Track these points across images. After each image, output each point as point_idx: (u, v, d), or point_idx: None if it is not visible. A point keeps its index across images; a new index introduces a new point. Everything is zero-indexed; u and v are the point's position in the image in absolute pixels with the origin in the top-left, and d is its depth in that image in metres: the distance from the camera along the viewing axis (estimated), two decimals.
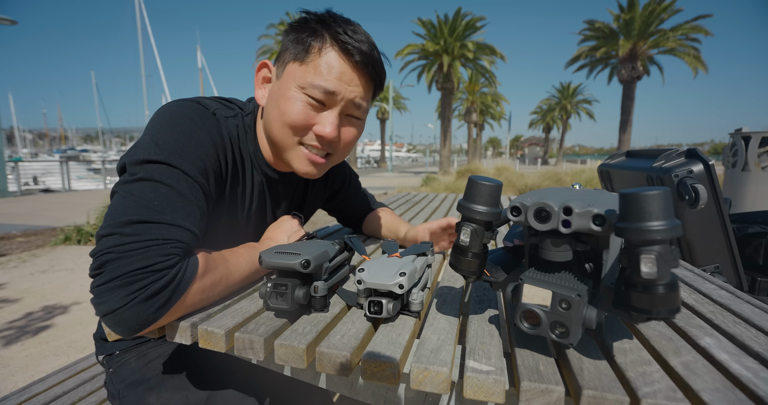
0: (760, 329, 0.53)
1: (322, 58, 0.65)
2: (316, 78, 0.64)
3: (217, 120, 0.67)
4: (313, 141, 0.69)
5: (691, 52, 16.59)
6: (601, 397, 0.38)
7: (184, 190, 0.56)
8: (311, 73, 0.65)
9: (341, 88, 0.65)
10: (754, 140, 3.26)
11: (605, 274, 0.45)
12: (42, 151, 57.45)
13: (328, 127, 0.67)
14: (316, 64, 0.65)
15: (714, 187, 1.29)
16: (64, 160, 12.04)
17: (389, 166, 23.67)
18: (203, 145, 0.61)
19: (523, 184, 8.86)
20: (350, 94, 0.67)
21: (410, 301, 0.56)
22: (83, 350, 2.03)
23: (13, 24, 7.77)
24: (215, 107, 0.69)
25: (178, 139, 0.59)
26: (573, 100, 40.67)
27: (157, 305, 0.49)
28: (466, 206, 0.47)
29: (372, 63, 0.67)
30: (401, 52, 18.01)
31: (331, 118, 0.67)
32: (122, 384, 0.74)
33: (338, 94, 0.66)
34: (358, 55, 0.65)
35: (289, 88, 0.66)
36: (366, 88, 0.69)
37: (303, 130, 0.68)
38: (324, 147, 0.70)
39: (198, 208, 0.57)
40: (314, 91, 0.65)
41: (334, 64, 0.65)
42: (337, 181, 1.01)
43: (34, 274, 3.32)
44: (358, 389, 0.56)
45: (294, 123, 0.66)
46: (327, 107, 0.67)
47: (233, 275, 0.62)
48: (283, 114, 0.66)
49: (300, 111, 0.66)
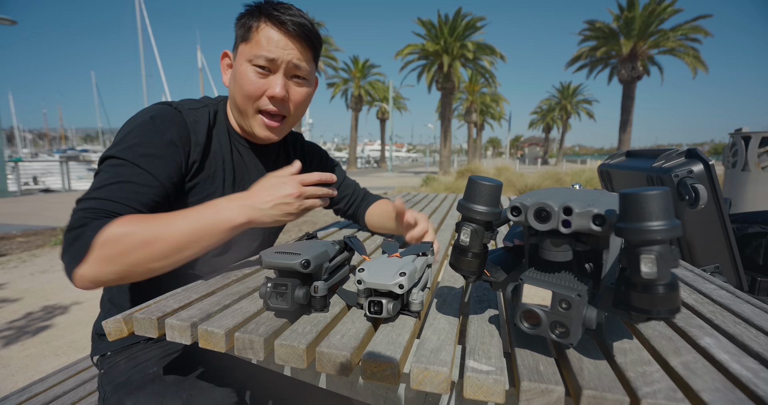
0: (760, 329, 0.53)
1: (260, 33, 0.76)
2: (258, 50, 0.76)
3: (179, 112, 0.77)
4: (268, 105, 0.80)
5: (691, 52, 16.59)
6: (601, 397, 0.38)
7: (123, 172, 0.67)
8: (254, 47, 0.77)
9: (279, 53, 0.77)
10: (754, 140, 3.26)
11: (605, 274, 0.45)
12: (42, 151, 57.41)
13: (276, 87, 0.78)
14: (257, 39, 0.77)
15: (714, 187, 1.29)
16: (64, 160, 12.04)
17: (389, 166, 23.67)
18: (157, 136, 0.72)
19: (523, 184, 8.86)
20: (288, 56, 0.77)
21: (410, 301, 0.56)
22: (83, 350, 2.03)
23: (13, 24, 7.77)
24: (178, 104, 0.80)
25: (132, 137, 0.71)
26: (573, 100, 40.68)
27: (70, 257, 0.59)
28: (466, 206, 0.47)
29: (302, 28, 0.78)
30: (401, 52, 18.01)
31: (277, 79, 0.78)
32: (109, 386, 0.75)
33: (278, 59, 0.77)
34: (290, 25, 0.76)
35: (241, 64, 0.78)
36: (302, 51, 0.79)
37: (258, 96, 0.79)
38: (278, 109, 0.81)
39: (136, 184, 0.67)
40: (258, 60, 0.76)
41: (270, 35, 0.76)
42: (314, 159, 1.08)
43: (34, 274, 3.32)
44: (358, 389, 0.56)
45: (249, 92, 0.78)
46: (273, 72, 0.79)
47: (162, 235, 0.61)
48: (241, 86, 0.78)
49: (252, 80, 0.77)
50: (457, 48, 17.22)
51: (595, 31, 18.75)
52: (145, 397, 0.69)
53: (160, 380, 0.72)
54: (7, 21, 7.70)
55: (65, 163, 11.69)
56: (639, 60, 17.62)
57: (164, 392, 0.70)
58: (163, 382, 0.72)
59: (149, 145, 0.70)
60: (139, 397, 0.69)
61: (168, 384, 0.72)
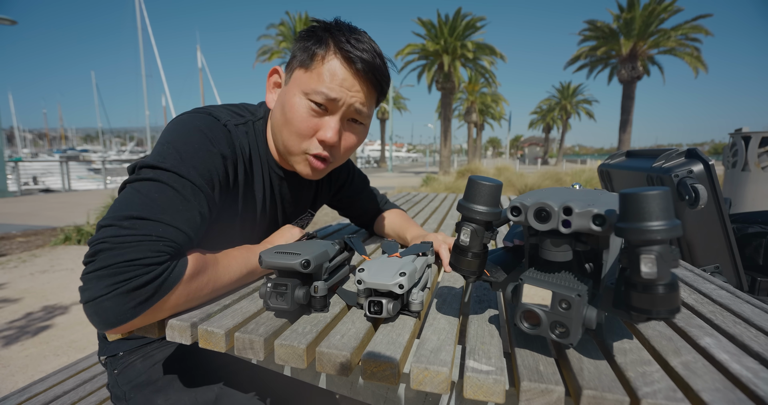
0: (760, 329, 0.53)
1: (325, 65, 0.67)
2: (319, 85, 0.67)
3: (228, 130, 0.69)
4: (318, 149, 0.72)
5: (692, 52, 16.59)
6: (601, 397, 0.38)
7: (188, 196, 0.58)
8: (315, 80, 0.67)
9: (342, 94, 0.68)
10: (754, 140, 3.26)
11: (605, 274, 0.45)
12: (42, 151, 57.44)
13: (329, 132, 0.69)
14: (320, 72, 0.67)
15: (714, 187, 1.29)
16: (64, 160, 12.03)
17: (389, 166, 23.66)
18: (212, 156, 0.64)
19: (523, 184, 8.86)
20: (351, 99, 0.69)
21: (410, 301, 0.56)
22: (83, 350, 2.03)
23: (13, 24, 7.76)
24: (226, 118, 0.71)
25: (188, 151, 0.61)
26: (573, 100, 40.66)
27: (139, 300, 0.49)
28: (466, 206, 0.47)
29: (373, 71, 0.69)
30: (401, 52, 18.00)
31: (332, 123, 0.70)
32: (128, 385, 0.74)
33: (339, 100, 0.68)
34: (359, 63, 0.67)
35: (294, 94, 0.69)
36: (367, 95, 0.71)
37: (309, 136, 0.71)
38: (327, 153, 0.73)
39: (200, 214, 0.59)
40: (317, 97, 0.67)
41: (336, 72, 0.67)
42: (341, 177, 1.03)
43: (34, 274, 3.32)
44: (358, 389, 0.56)
45: (300, 130, 0.69)
46: (329, 112, 0.70)
47: (222, 278, 0.61)
48: (290, 121, 0.69)
49: (304, 118, 0.69)
50: (457, 48, 17.22)
51: (595, 31, 18.74)
52: (176, 393, 0.69)
53: (186, 376, 0.73)
54: (7, 21, 7.70)
55: (65, 163, 11.69)
56: (639, 60, 17.61)
57: (195, 387, 0.70)
58: (191, 378, 0.72)
59: (212, 170, 0.63)
60: (169, 394, 0.70)
61: (196, 379, 0.72)
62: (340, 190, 1.05)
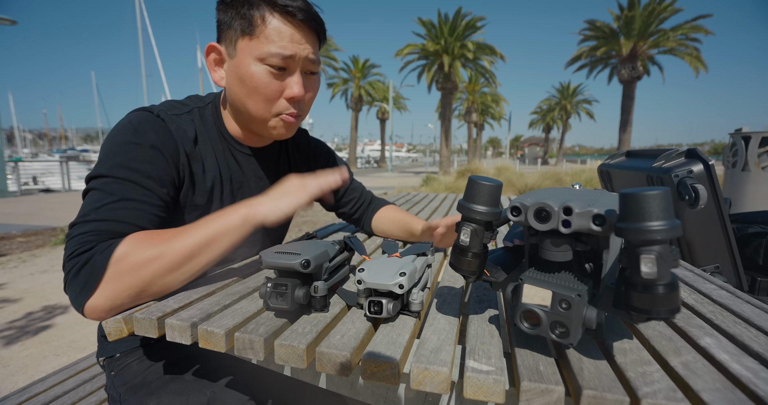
0: (760, 329, 0.53)
1: (268, 27, 0.68)
2: (271, 46, 0.68)
3: (161, 119, 0.72)
4: (288, 108, 0.74)
5: (692, 52, 16.59)
6: (601, 397, 0.38)
7: (114, 190, 0.63)
8: (264, 44, 0.68)
9: (296, 49, 0.69)
10: (754, 140, 3.26)
11: (605, 274, 0.45)
12: (42, 151, 57.38)
13: (296, 88, 0.72)
14: (266, 34, 0.68)
15: (714, 187, 1.29)
16: (64, 160, 12.03)
17: (389, 166, 23.67)
18: (137, 147, 0.67)
19: (523, 184, 8.86)
20: (303, 52, 0.71)
21: (410, 301, 0.56)
22: (83, 350, 2.03)
23: (13, 24, 7.76)
24: (160, 109, 0.74)
25: (113, 150, 0.66)
26: (573, 100, 40.67)
27: (81, 286, 0.56)
28: (466, 206, 0.47)
29: (313, 18, 0.71)
30: (401, 51, 18.01)
31: (296, 79, 0.72)
32: (123, 387, 0.74)
33: (295, 56, 0.70)
34: (299, 13, 0.68)
35: (249, 63, 0.69)
36: (314, 43, 0.73)
37: (276, 98, 0.73)
38: (296, 109, 0.75)
39: (129, 200, 0.63)
40: (273, 60, 0.69)
41: (282, 30, 0.68)
42: (320, 160, 1.02)
43: (34, 274, 3.32)
44: (358, 389, 0.56)
45: (267, 96, 0.71)
46: (289, 71, 0.72)
47: (175, 247, 0.59)
48: (254, 90, 0.71)
49: (267, 83, 0.70)
50: (457, 48, 17.22)
51: (595, 31, 18.75)
52: (168, 397, 0.69)
53: (179, 380, 0.72)
54: (7, 21, 7.70)
55: (65, 163, 11.69)
56: (639, 60, 17.62)
57: (187, 391, 0.70)
58: (184, 382, 0.72)
59: (138, 159, 0.66)
60: (161, 397, 0.69)
61: (189, 383, 0.71)
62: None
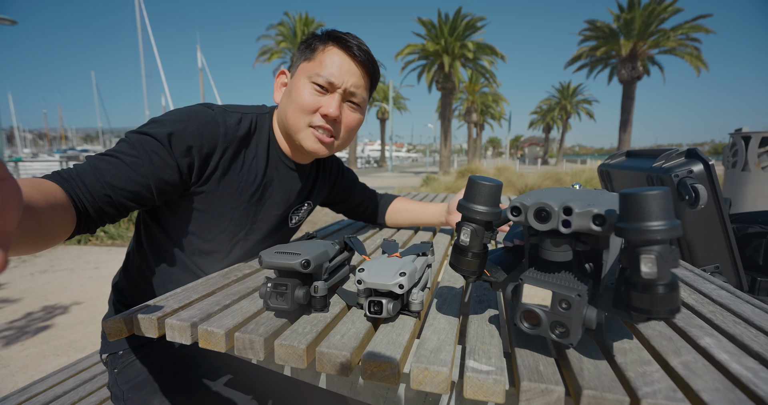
0: (760, 329, 0.53)
1: (325, 54, 0.79)
2: (320, 69, 0.78)
3: (213, 112, 0.76)
4: (321, 122, 0.79)
5: (692, 52, 16.58)
6: (601, 397, 0.38)
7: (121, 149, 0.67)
8: (316, 66, 0.78)
9: (341, 76, 0.78)
10: (754, 140, 3.26)
11: (605, 274, 0.45)
12: (42, 151, 57.41)
13: (331, 107, 0.78)
14: (321, 59, 0.78)
15: (714, 187, 1.29)
16: (65, 160, 12.04)
17: (389, 166, 23.67)
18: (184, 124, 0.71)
19: (523, 184, 8.86)
20: (348, 82, 0.79)
21: (410, 301, 0.56)
22: (83, 350, 2.03)
23: (13, 24, 7.76)
24: (218, 107, 0.79)
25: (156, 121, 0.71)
26: (573, 100, 40.65)
27: None
28: (466, 206, 0.47)
29: (367, 57, 0.81)
30: (401, 52, 18.01)
31: (333, 100, 0.79)
32: (127, 385, 0.75)
33: (338, 82, 0.78)
34: (355, 50, 0.79)
35: (299, 80, 0.79)
36: (361, 78, 0.81)
37: (312, 112, 0.79)
38: (330, 127, 0.80)
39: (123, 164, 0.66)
40: (318, 79, 0.77)
41: (334, 58, 0.78)
42: (333, 171, 1.08)
43: (34, 274, 3.33)
44: (358, 389, 0.56)
45: (303, 106, 0.78)
46: (330, 92, 0.79)
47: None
48: (295, 101, 0.79)
49: (308, 96, 0.78)
50: (458, 48, 17.21)
51: (595, 31, 18.74)
52: (171, 395, 0.70)
53: (182, 378, 0.73)
54: (7, 21, 7.69)
55: (65, 163, 11.69)
56: (639, 60, 17.61)
57: (190, 389, 0.71)
58: (187, 381, 0.73)
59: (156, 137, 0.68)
60: (165, 395, 0.70)
61: (192, 382, 0.72)
62: (334, 185, 1.09)
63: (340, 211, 1.20)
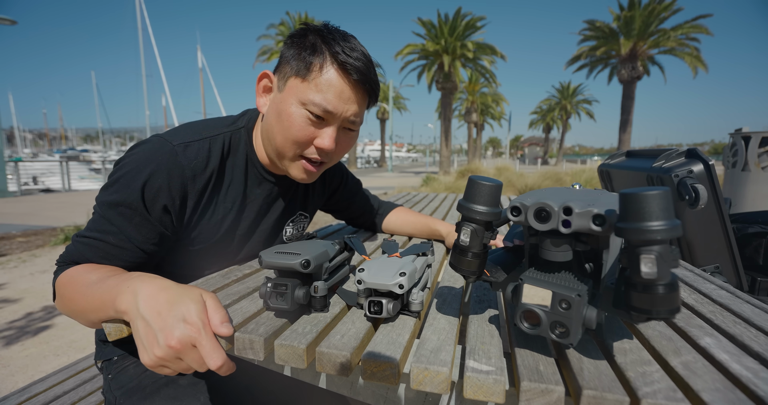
0: (760, 329, 0.53)
1: (322, 76, 0.67)
2: (317, 96, 0.67)
3: (175, 155, 0.69)
4: (314, 154, 0.73)
5: (692, 52, 16.57)
6: (601, 397, 0.38)
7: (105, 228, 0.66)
8: (312, 91, 0.68)
9: (339, 107, 0.69)
10: (754, 140, 3.26)
11: (605, 274, 0.45)
12: (42, 151, 57.43)
13: (327, 140, 0.71)
14: (317, 83, 0.67)
15: (714, 187, 1.29)
16: (65, 160, 12.03)
17: (389, 166, 23.67)
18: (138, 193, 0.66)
19: (523, 184, 8.86)
20: (347, 112, 0.70)
21: (410, 301, 0.56)
22: (83, 350, 2.03)
23: (13, 24, 7.76)
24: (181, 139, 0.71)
25: (118, 187, 0.66)
26: (573, 100, 40.65)
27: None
28: (466, 206, 0.47)
29: (368, 81, 0.71)
30: (401, 51, 18.00)
31: (330, 132, 0.71)
32: (119, 391, 0.74)
33: (337, 112, 0.69)
34: (355, 74, 0.68)
35: (291, 103, 0.69)
36: (361, 104, 0.73)
37: (305, 144, 0.72)
38: (322, 157, 0.75)
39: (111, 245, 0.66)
40: (314, 108, 0.68)
41: (333, 83, 0.68)
42: (335, 180, 1.04)
43: (34, 274, 3.32)
44: (358, 389, 0.56)
45: (297, 139, 0.70)
46: (326, 122, 0.71)
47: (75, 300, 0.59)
48: (287, 129, 0.70)
49: (302, 127, 0.69)
50: (458, 48, 17.21)
51: (595, 31, 18.73)
52: (161, 401, 0.70)
53: (173, 384, 0.73)
54: (7, 21, 7.69)
55: (65, 163, 11.69)
56: (639, 60, 17.61)
57: (181, 396, 0.70)
58: (178, 386, 0.72)
59: (130, 205, 0.65)
60: (155, 401, 0.70)
61: (183, 387, 0.72)
62: (334, 193, 1.06)
63: (339, 219, 1.18)
